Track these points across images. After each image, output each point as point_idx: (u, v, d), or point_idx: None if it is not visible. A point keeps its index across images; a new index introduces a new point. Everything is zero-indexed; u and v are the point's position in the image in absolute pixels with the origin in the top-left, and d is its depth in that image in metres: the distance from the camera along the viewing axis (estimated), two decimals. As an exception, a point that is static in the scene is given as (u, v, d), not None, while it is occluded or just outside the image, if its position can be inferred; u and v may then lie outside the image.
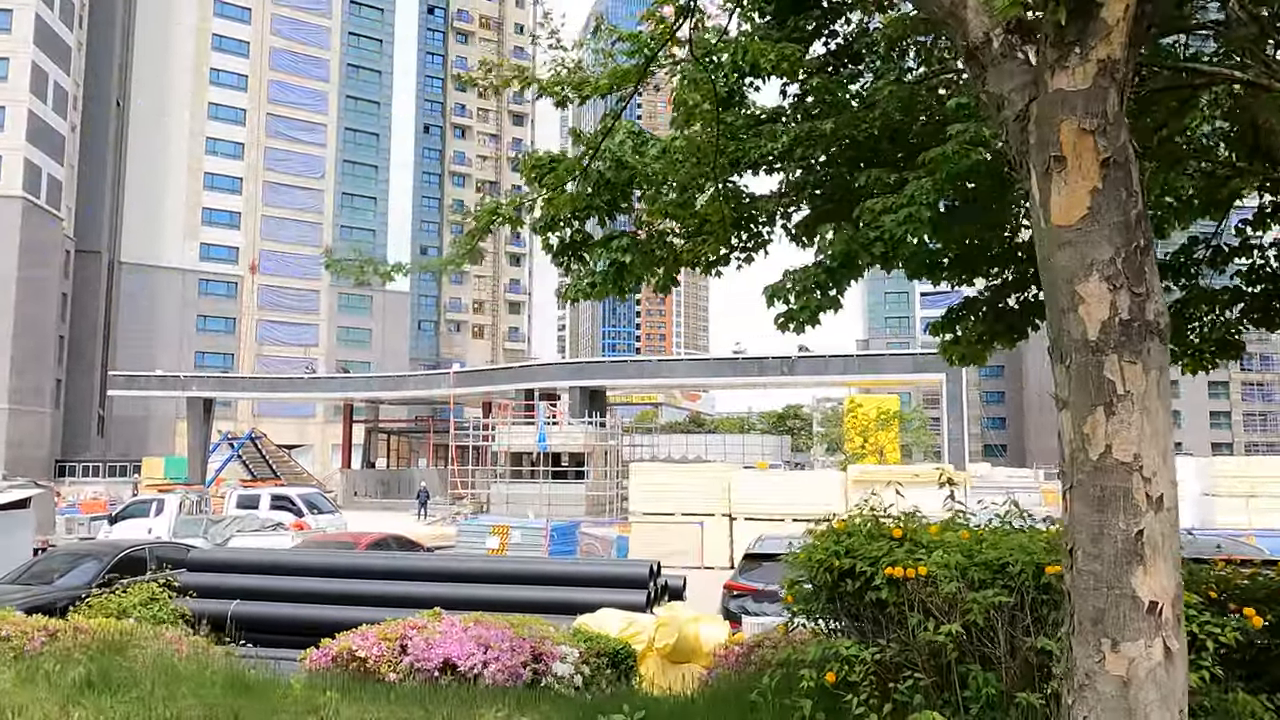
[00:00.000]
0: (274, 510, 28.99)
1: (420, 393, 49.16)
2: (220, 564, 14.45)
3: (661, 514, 28.64)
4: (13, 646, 8.44)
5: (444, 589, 13.58)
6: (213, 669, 7.70)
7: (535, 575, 13.68)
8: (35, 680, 7.16)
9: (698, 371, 41.51)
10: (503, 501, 44.09)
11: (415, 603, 13.57)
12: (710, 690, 7.29)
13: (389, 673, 8.10)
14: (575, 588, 13.43)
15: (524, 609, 13.60)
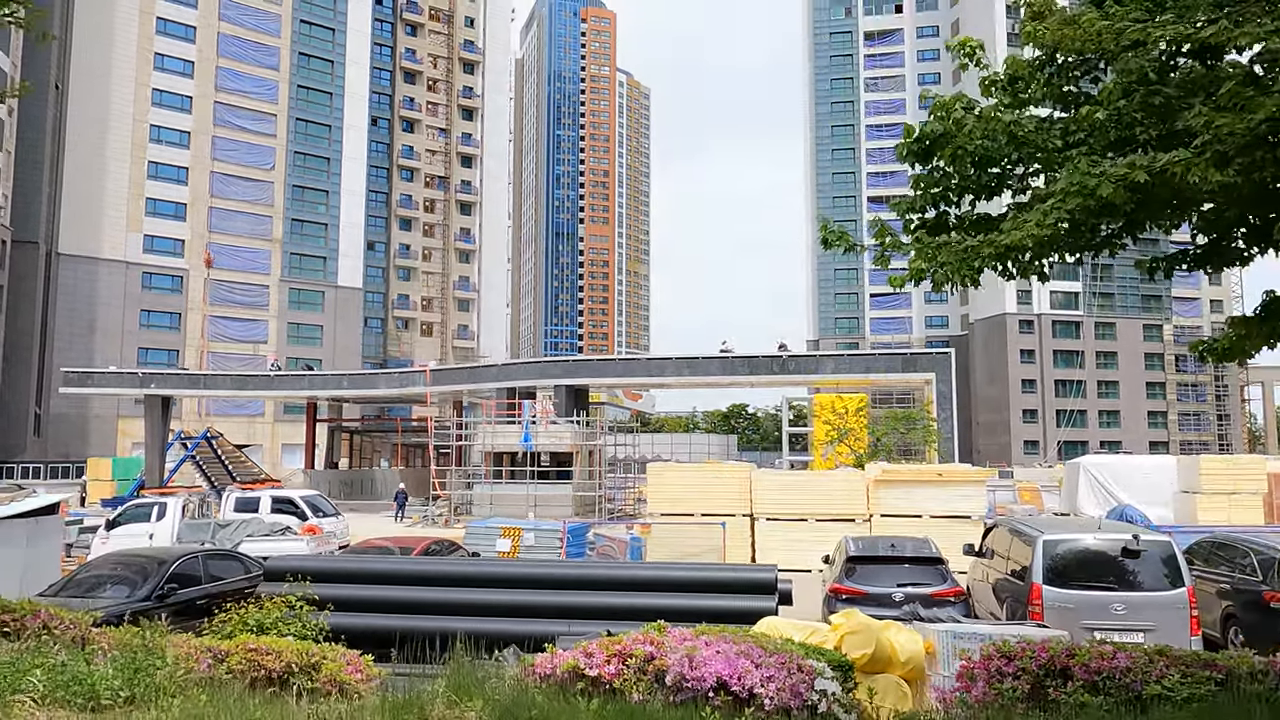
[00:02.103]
0: (275, 513, 27.76)
1: (393, 391, 47.82)
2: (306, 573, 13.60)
3: (681, 515, 28.26)
4: (185, 669, 7.66)
5: (565, 597, 13.05)
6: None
7: (660, 581, 13.22)
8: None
9: (686, 370, 41.23)
10: (486, 502, 43.13)
11: (537, 612, 13.04)
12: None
13: (632, 692, 7.57)
14: (702, 594, 13.02)
15: (652, 616, 13.13)
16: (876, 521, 26.53)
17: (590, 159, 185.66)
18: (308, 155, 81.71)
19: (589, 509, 43.07)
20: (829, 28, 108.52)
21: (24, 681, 5.18)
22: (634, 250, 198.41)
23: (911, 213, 6.40)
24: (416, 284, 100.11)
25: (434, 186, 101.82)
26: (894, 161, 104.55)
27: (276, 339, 78.11)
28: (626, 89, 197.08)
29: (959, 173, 6.11)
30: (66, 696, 5.23)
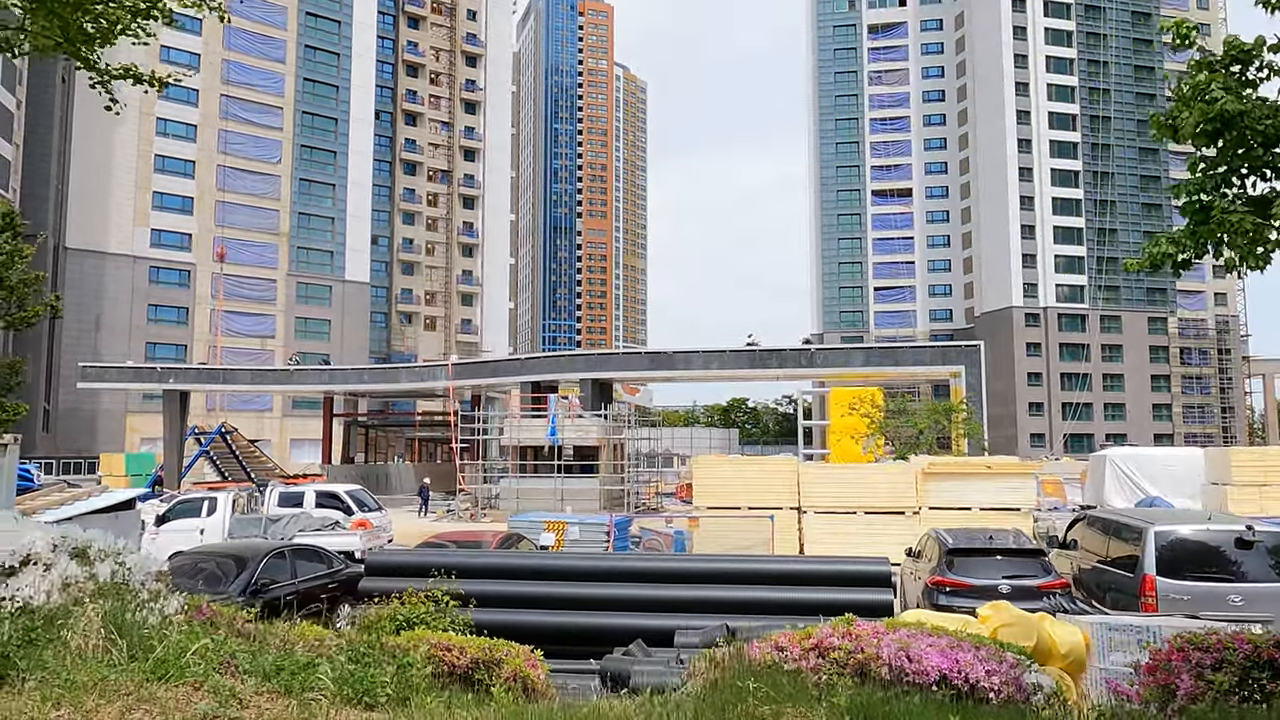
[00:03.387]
0: (319, 507, 27.53)
1: (415, 385, 47.55)
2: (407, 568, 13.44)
3: (727, 507, 28.18)
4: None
5: (677, 591, 12.94)
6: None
7: (773, 574, 13.14)
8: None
9: (714, 363, 41.11)
10: (513, 497, 43.00)
11: (651, 606, 12.91)
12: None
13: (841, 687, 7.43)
14: (817, 587, 12.94)
15: (767, 609, 13.06)
16: (925, 515, 26.49)
17: (588, 153, 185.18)
18: (314, 149, 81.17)
19: (616, 503, 42.97)
20: (833, 21, 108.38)
21: (314, 679, 5.03)
22: (631, 244, 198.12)
23: (1201, 193, 6.21)
24: (420, 278, 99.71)
25: (437, 180, 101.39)
26: (898, 154, 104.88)
27: (284, 333, 77.64)
28: (624, 83, 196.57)
29: (1246, 152, 5.95)
30: (351, 694, 5.09)
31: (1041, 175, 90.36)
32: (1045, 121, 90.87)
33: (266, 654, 5.24)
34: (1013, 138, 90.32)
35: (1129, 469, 36.33)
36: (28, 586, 5.83)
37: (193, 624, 5.51)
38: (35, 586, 5.84)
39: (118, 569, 6.28)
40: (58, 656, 4.93)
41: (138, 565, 6.46)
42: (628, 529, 29.59)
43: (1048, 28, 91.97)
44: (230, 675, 4.98)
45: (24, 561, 5.97)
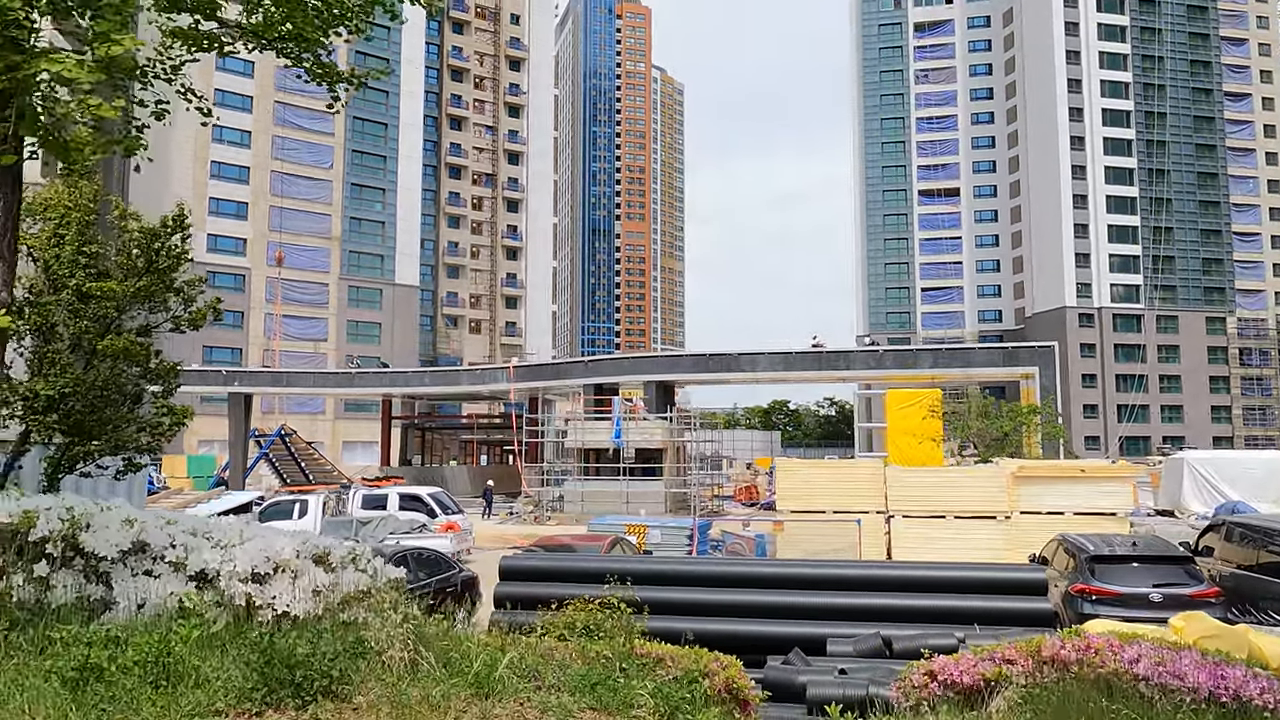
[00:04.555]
0: (402, 510, 27.59)
1: (476, 388, 47.66)
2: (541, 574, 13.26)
3: (811, 511, 27.81)
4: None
5: (826, 599, 12.64)
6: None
7: (927, 581, 12.80)
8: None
9: (779, 365, 40.77)
10: (578, 499, 42.95)
11: (800, 613, 12.62)
12: None
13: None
14: (971, 595, 12.58)
15: (920, 618, 12.69)
16: (1017, 519, 25.99)
17: (626, 156, 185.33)
18: (364, 154, 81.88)
19: (681, 506, 42.76)
20: (877, 20, 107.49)
21: (632, 695, 4.81)
22: (669, 247, 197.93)
23: None
24: (465, 281, 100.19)
25: (481, 184, 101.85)
26: (945, 154, 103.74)
27: (336, 336, 78.34)
28: (661, 85, 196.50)
29: None
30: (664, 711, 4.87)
31: (1095, 173, 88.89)
32: (1099, 118, 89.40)
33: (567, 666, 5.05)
34: (1065, 135, 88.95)
35: (1207, 472, 35.52)
36: (284, 594, 5.72)
37: (472, 634, 5.34)
38: (290, 594, 5.72)
39: (360, 576, 6.16)
40: (370, 669, 4.76)
41: (378, 572, 6.34)
42: (708, 532, 29.36)
43: (1100, 23, 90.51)
44: (545, 690, 4.79)
45: (276, 569, 5.86)
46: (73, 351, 9.79)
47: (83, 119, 5.02)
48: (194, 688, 4.22)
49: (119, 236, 10.96)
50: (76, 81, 4.73)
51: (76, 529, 5.67)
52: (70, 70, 4.61)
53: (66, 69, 4.60)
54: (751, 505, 49.74)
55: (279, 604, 5.62)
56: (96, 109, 4.89)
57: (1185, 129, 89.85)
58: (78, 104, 4.84)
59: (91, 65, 4.70)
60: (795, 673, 10.24)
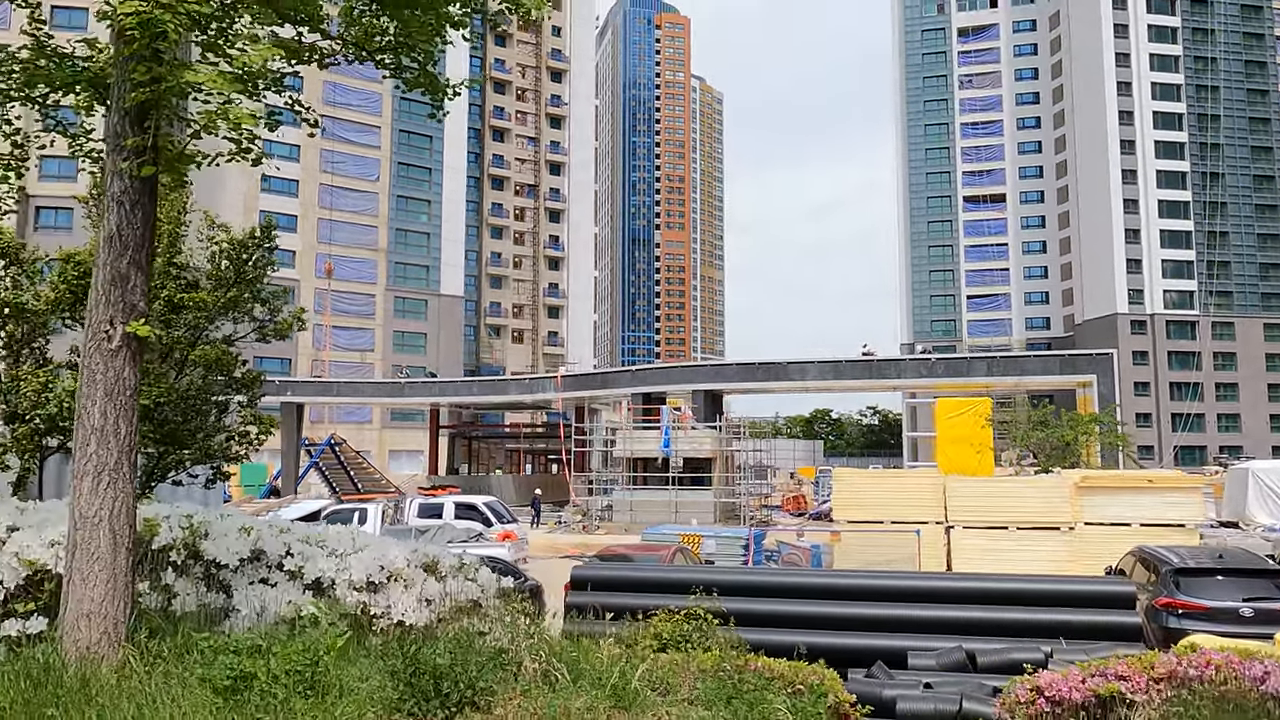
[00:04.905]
0: (458, 519, 27.66)
1: (524, 397, 47.86)
2: (610, 583, 13.18)
3: (869, 521, 27.47)
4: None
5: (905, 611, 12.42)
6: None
7: (1005, 594, 12.54)
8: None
9: (830, 373, 40.44)
10: (626, 509, 42.90)
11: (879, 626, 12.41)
12: None
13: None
14: (1055, 608, 12.29)
15: (1000, 631, 12.40)
16: (1081, 530, 25.47)
17: (665, 165, 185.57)
18: (410, 166, 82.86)
19: (730, 516, 42.53)
20: (920, 25, 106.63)
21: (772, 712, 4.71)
22: (709, 255, 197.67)
23: None
24: (508, 291, 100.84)
25: (524, 194, 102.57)
26: (991, 159, 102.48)
27: (383, 347, 79.19)
28: (700, 94, 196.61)
29: None
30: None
31: (1146, 177, 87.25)
32: (1149, 121, 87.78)
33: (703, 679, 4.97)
34: (1115, 139, 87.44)
35: (1273, 482, 34.58)
36: (400, 602, 5.72)
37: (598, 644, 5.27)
38: (405, 603, 5.72)
39: (469, 585, 6.13)
40: (503, 680, 4.72)
41: (487, 582, 6.31)
42: (762, 542, 29.09)
43: (1151, 24, 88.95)
44: (682, 703, 4.71)
45: (390, 577, 5.86)
46: (163, 361, 9.94)
47: (230, 130, 5.07)
48: (340, 697, 4.21)
49: (208, 247, 11.14)
50: (216, 92, 4.79)
51: (196, 537, 5.72)
52: (212, 81, 4.67)
53: (210, 80, 4.67)
54: (800, 515, 49.33)
55: (394, 613, 5.62)
56: (239, 119, 4.95)
57: (1240, 131, 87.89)
58: (219, 114, 4.90)
59: (229, 76, 4.76)
60: (880, 686, 10.05)
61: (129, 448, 4.95)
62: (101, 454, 4.85)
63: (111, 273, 5.06)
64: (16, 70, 5.58)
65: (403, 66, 7.41)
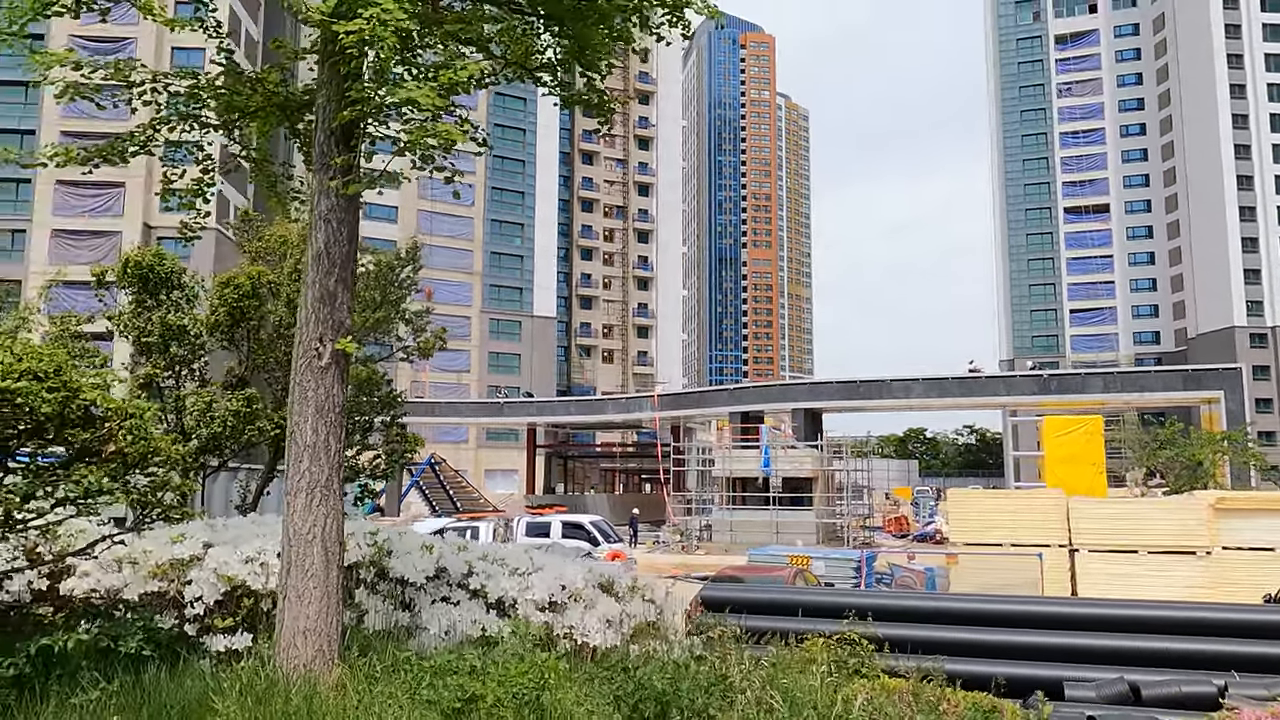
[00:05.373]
0: (565, 538, 27.73)
1: (621, 416, 47.94)
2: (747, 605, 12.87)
3: (987, 544, 26.49)
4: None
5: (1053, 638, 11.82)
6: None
7: (1169, 623, 11.82)
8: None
9: (933, 391, 39.36)
10: (726, 529, 42.48)
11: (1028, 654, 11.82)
12: None
13: None
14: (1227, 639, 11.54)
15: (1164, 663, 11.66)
16: (1219, 555, 24.04)
17: (751, 183, 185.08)
18: (504, 190, 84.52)
19: (833, 537, 41.70)
20: (1015, 34, 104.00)
21: None
22: (796, 273, 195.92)
23: None
24: (598, 312, 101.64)
25: (613, 216, 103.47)
26: (1093, 169, 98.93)
27: (478, 368, 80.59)
28: (785, 112, 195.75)
29: None
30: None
31: (1264, 183, 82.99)
32: (1266, 124, 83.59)
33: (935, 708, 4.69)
34: (1228, 144, 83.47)
35: None
36: (584, 623, 5.63)
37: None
38: (589, 624, 5.62)
39: (647, 606, 6.00)
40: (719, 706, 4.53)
41: (665, 603, 6.17)
42: (873, 564, 28.38)
43: (1266, 24, 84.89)
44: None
45: (571, 597, 5.77)
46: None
47: (437, 145, 5.11)
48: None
49: (353, 270, 11.37)
50: (421, 108, 4.83)
51: (382, 554, 5.74)
52: (425, 97, 4.70)
53: (420, 96, 4.70)
54: (903, 536, 48.03)
55: (578, 633, 5.51)
56: (448, 135, 4.97)
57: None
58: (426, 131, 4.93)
59: (435, 92, 4.79)
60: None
61: (339, 464, 4.98)
62: (314, 471, 4.90)
63: (320, 290, 5.13)
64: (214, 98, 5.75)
65: (563, 84, 7.42)
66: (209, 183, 6.73)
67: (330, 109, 5.26)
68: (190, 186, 6.46)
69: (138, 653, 4.77)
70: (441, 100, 4.85)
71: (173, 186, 6.65)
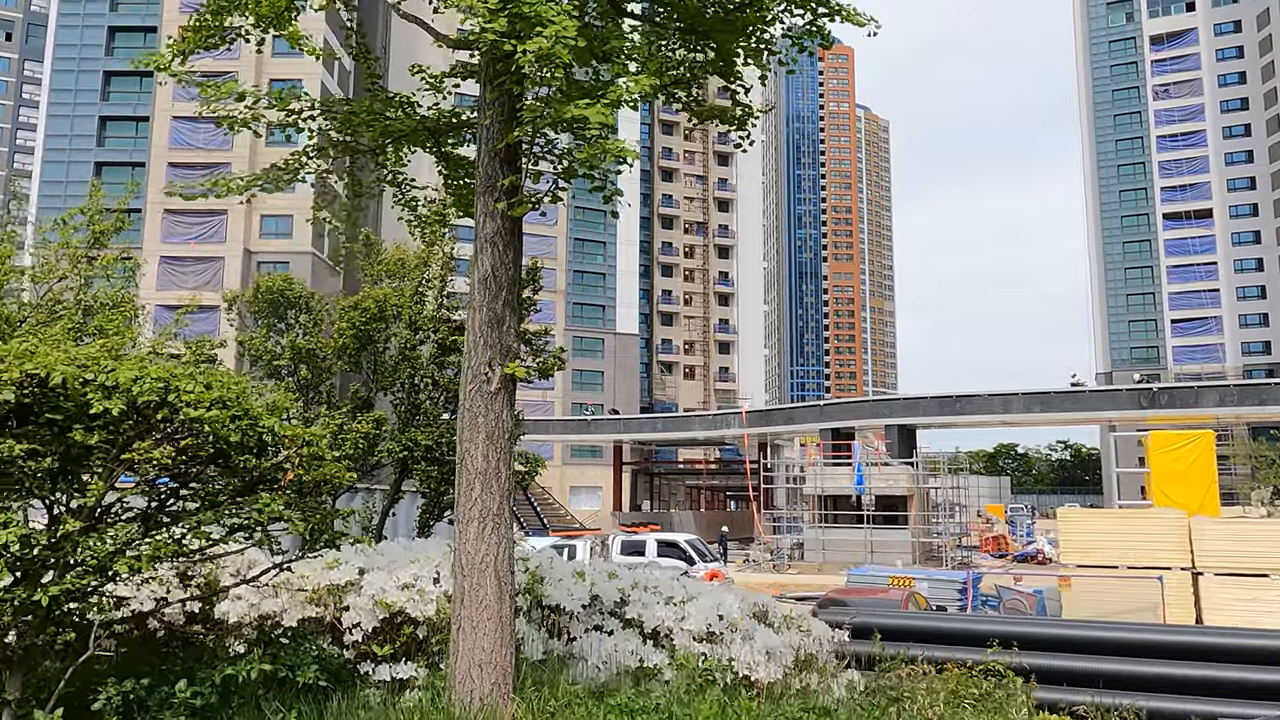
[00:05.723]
0: (660, 557, 27.52)
1: (710, 433, 47.59)
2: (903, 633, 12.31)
3: (1102, 566, 25.34)
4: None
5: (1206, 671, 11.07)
6: None
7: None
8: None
9: (1036, 405, 38.00)
10: (818, 547, 41.70)
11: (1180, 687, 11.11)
12: None
13: None
14: None
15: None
16: (1361, 579, 22.49)
17: (831, 196, 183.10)
18: (586, 209, 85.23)
19: (929, 556, 40.58)
20: (1108, 35, 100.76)
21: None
22: (878, 286, 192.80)
23: None
24: (678, 328, 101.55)
25: (693, 232, 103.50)
26: (1194, 173, 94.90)
27: (562, 385, 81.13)
28: (865, 123, 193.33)
29: None
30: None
31: (1384, 183, 78.44)
32: (1385, 122, 79.11)
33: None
34: (1344, 142, 79.26)
35: None
36: (744, 655, 5.41)
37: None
38: (750, 656, 5.40)
39: (802, 638, 5.76)
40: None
41: (822, 634, 5.92)
42: (978, 586, 27.41)
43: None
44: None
45: (730, 627, 5.56)
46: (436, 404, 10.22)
47: (608, 161, 5.03)
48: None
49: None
50: (589, 126, 4.75)
51: (535, 581, 5.64)
52: (594, 114, 4.62)
53: (592, 113, 4.62)
54: (1001, 556, 46.45)
55: (739, 666, 5.29)
56: (621, 151, 4.89)
57: None
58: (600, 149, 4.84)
59: (606, 108, 4.71)
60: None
61: (509, 491, 4.90)
62: (486, 499, 4.82)
63: (488, 314, 5.08)
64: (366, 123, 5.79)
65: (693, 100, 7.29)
66: (358, 206, 6.79)
67: (495, 130, 5.23)
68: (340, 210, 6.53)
69: (315, 682, 4.76)
70: (610, 117, 4.76)
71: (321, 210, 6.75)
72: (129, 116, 59.16)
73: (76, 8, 61.30)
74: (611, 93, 4.71)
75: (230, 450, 4.46)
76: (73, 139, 59.97)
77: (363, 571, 5.72)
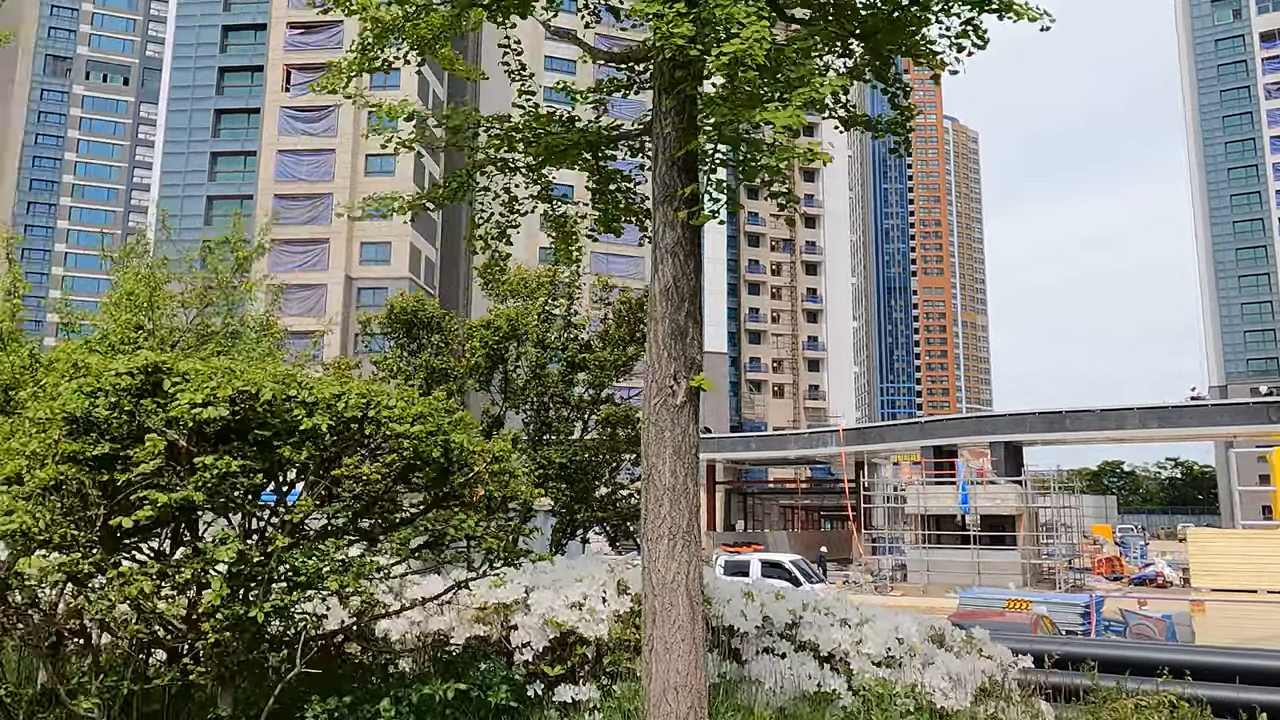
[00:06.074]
0: (764, 577, 27.08)
1: (805, 451, 46.88)
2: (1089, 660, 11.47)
3: (1238, 590, 23.99)
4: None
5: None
6: None
7: None
8: None
9: (1153, 421, 36.25)
10: (922, 568, 40.56)
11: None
12: None
13: None
14: None
15: None
16: None
17: (919, 210, 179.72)
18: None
19: (1041, 579, 39.03)
20: (1214, 34, 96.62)
21: None
22: (970, 300, 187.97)
23: None
24: (766, 346, 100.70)
25: (780, 249, 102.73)
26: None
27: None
28: (953, 135, 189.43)
29: None
30: None
31: None
32: None
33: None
34: None
35: None
36: (928, 681, 5.18)
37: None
38: (934, 682, 5.17)
39: (986, 663, 5.48)
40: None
41: (1003, 658, 5.63)
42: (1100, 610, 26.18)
43: None
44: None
45: (909, 652, 5.34)
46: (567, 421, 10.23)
47: (799, 164, 4.91)
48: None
49: (600, 308, 11.50)
50: (778, 128, 4.64)
51: (705, 602, 5.51)
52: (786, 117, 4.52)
53: (783, 116, 4.52)
54: (1116, 579, 44.44)
55: (920, 693, 5.04)
56: (811, 153, 4.78)
57: None
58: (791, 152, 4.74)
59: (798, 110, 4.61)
60: None
61: (697, 507, 4.79)
62: (675, 516, 4.73)
63: (670, 326, 5.02)
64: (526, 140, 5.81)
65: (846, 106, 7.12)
66: (513, 223, 6.85)
67: (672, 138, 5.18)
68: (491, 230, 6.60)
69: (506, 704, 4.72)
70: (803, 119, 4.64)
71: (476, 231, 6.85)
72: (237, 151, 61.78)
73: (189, 51, 64.41)
74: (798, 94, 4.59)
75: (427, 466, 4.49)
76: (186, 175, 62.90)
77: (529, 590, 5.67)
